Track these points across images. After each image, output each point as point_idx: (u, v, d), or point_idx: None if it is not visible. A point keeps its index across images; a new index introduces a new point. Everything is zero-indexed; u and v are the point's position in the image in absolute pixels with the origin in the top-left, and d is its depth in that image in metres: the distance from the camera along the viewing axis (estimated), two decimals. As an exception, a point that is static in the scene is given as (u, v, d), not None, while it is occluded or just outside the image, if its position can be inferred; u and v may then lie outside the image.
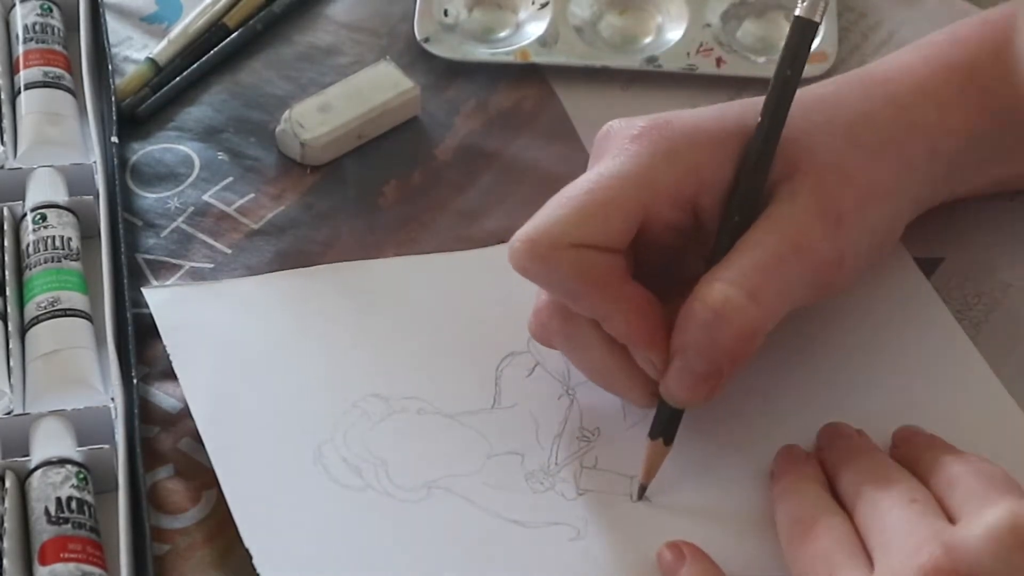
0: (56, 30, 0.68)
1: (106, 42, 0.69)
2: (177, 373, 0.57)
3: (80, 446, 0.53)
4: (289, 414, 0.56)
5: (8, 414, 0.55)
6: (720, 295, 0.51)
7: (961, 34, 0.61)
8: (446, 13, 0.71)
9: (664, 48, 0.70)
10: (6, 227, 0.60)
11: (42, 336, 0.57)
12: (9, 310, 0.58)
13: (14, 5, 0.69)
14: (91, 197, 0.62)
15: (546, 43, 0.70)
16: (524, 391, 0.57)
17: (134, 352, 0.57)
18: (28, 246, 0.59)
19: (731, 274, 0.52)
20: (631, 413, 0.56)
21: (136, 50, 0.71)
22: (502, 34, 0.72)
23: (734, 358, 0.52)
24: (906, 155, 0.57)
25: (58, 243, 0.59)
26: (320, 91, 0.67)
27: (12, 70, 0.67)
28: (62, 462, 0.52)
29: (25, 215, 0.61)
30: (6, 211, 0.61)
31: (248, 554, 0.51)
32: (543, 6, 0.71)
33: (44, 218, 0.60)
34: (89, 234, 0.61)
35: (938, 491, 0.50)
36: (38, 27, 0.68)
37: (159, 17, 0.73)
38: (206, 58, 0.70)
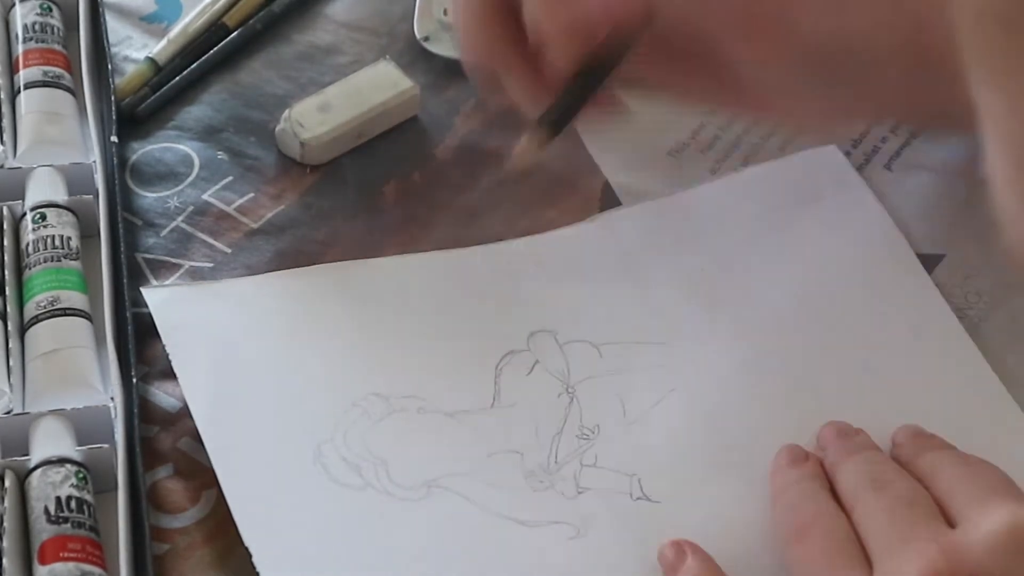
0: (56, 29, 0.68)
1: (106, 42, 0.69)
2: (177, 373, 0.57)
3: (80, 445, 0.53)
4: (289, 414, 0.56)
5: (8, 413, 0.55)
6: None
7: None
8: (446, 12, 0.71)
9: (664, 47, 0.70)
10: (5, 226, 0.60)
11: (42, 335, 0.57)
12: (9, 309, 0.58)
13: (14, 5, 0.69)
14: (91, 196, 0.62)
15: (546, 42, 0.70)
16: (523, 390, 0.57)
17: (134, 351, 0.57)
18: (28, 245, 0.59)
19: None
20: (631, 411, 0.57)
21: (136, 49, 0.71)
22: (502, 33, 0.72)
23: None
24: None
25: (58, 242, 0.59)
26: (319, 91, 0.67)
27: (12, 69, 0.67)
28: (62, 461, 0.52)
29: (25, 214, 0.61)
30: (5, 210, 0.61)
31: (248, 553, 0.51)
32: (543, 5, 0.71)
33: (44, 217, 0.60)
34: (89, 233, 0.61)
35: (938, 493, 0.50)
36: (38, 27, 0.68)
37: (159, 16, 0.73)
38: (206, 58, 0.70)
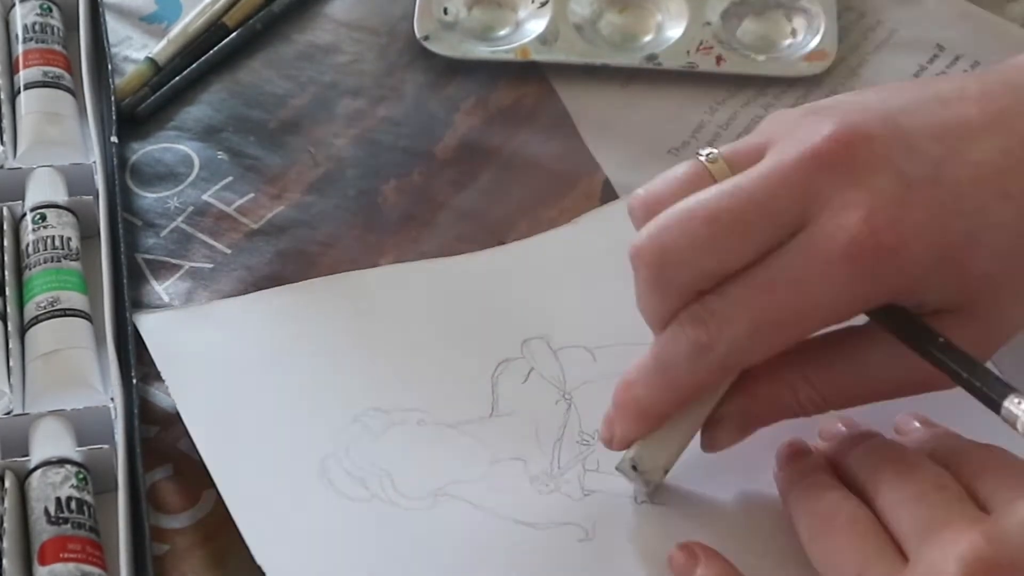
0: (56, 30, 0.68)
1: (106, 42, 0.69)
2: (174, 398, 0.57)
3: (80, 446, 0.53)
4: (290, 432, 0.56)
5: (8, 414, 0.55)
6: None
7: None
8: (446, 11, 0.71)
9: (664, 46, 0.70)
10: (6, 227, 0.60)
11: (42, 336, 0.57)
12: (9, 310, 0.58)
13: (14, 5, 0.69)
14: (91, 197, 0.62)
15: (546, 41, 0.70)
16: (521, 397, 0.57)
17: (134, 352, 0.57)
18: (28, 246, 0.59)
19: None
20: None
21: (136, 50, 0.71)
22: (502, 32, 0.71)
23: None
24: None
25: (58, 243, 0.59)
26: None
27: (12, 70, 0.67)
28: (62, 462, 0.52)
29: (25, 215, 0.61)
30: (6, 211, 0.61)
31: (250, 556, 0.51)
32: (543, 4, 0.71)
33: (44, 218, 0.60)
34: (89, 234, 0.61)
35: (964, 478, 0.48)
36: (38, 27, 0.68)
37: (159, 17, 0.73)
38: (205, 57, 0.70)
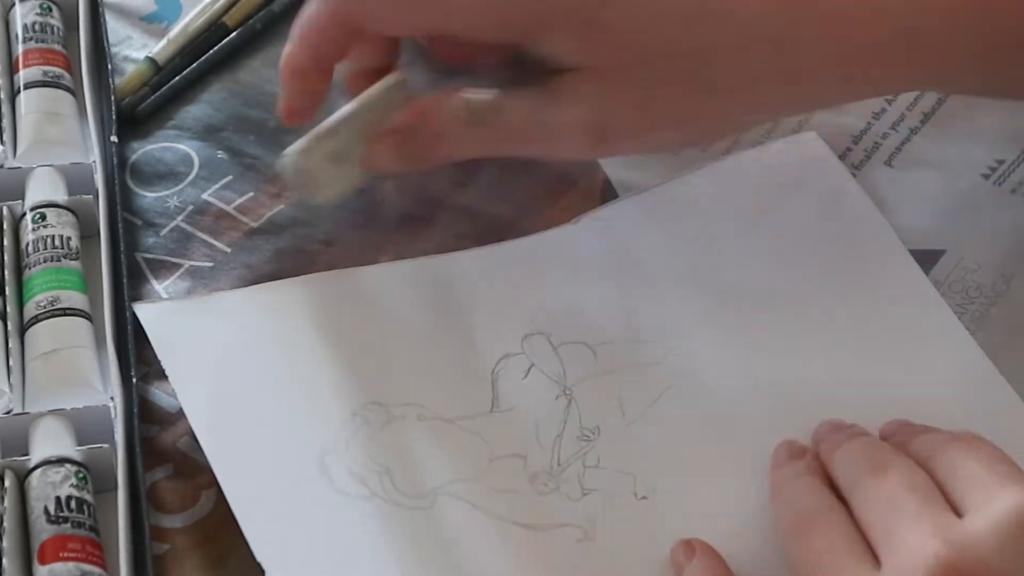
0: (56, 29, 0.68)
1: (106, 41, 0.69)
2: (174, 388, 0.56)
3: (79, 445, 0.53)
4: (290, 426, 0.56)
5: (7, 413, 0.55)
6: None
7: None
8: (446, 10, 0.71)
9: (664, 44, 0.69)
10: (5, 226, 0.60)
11: (41, 335, 0.57)
12: (9, 309, 0.58)
13: (14, 4, 0.69)
14: (90, 196, 0.62)
15: (546, 39, 0.70)
16: (521, 393, 0.57)
17: (133, 351, 0.57)
18: (27, 245, 0.59)
19: None
20: (630, 410, 0.56)
21: (136, 49, 0.71)
22: (502, 31, 0.71)
23: None
24: None
25: (57, 242, 0.59)
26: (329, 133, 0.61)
27: (12, 69, 0.67)
28: (61, 461, 0.52)
29: (24, 214, 0.61)
30: (5, 210, 0.61)
31: (251, 556, 0.51)
32: None
33: (43, 217, 0.60)
34: (88, 233, 0.61)
35: (938, 476, 0.49)
36: (38, 26, 0.68)
37: (159, 16, 0.73)
38: (205, 57, 0.70)
